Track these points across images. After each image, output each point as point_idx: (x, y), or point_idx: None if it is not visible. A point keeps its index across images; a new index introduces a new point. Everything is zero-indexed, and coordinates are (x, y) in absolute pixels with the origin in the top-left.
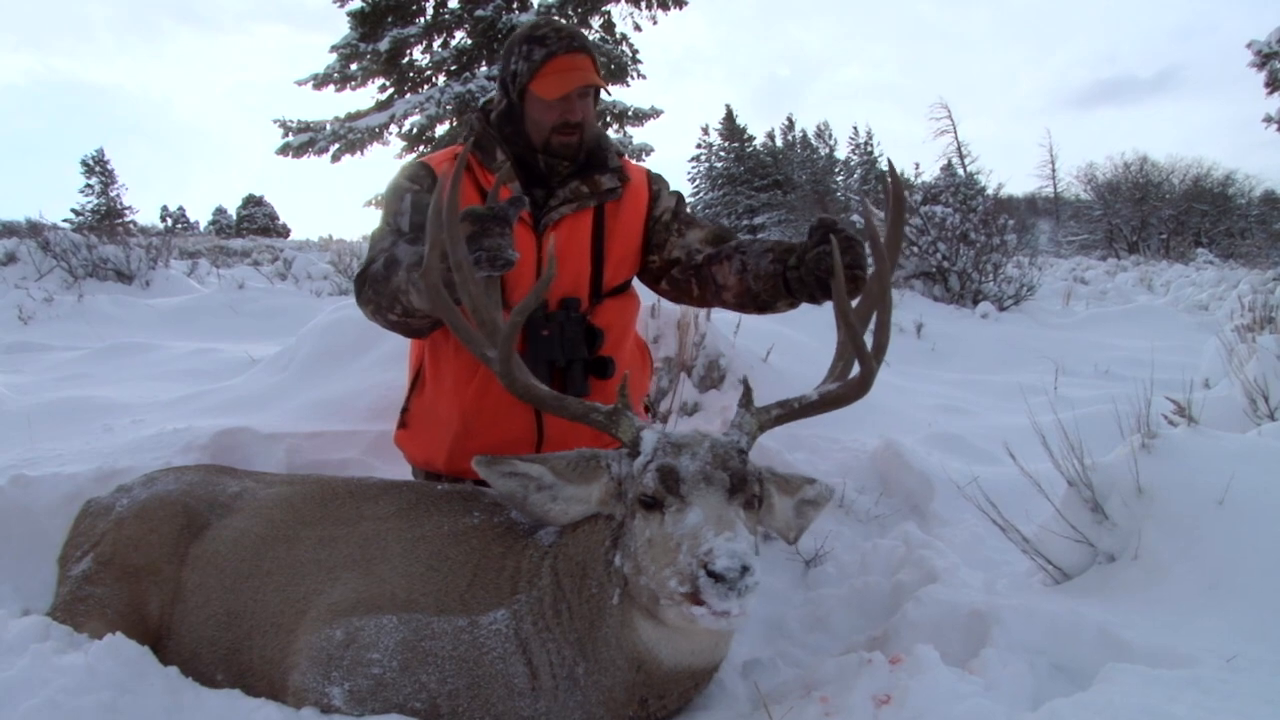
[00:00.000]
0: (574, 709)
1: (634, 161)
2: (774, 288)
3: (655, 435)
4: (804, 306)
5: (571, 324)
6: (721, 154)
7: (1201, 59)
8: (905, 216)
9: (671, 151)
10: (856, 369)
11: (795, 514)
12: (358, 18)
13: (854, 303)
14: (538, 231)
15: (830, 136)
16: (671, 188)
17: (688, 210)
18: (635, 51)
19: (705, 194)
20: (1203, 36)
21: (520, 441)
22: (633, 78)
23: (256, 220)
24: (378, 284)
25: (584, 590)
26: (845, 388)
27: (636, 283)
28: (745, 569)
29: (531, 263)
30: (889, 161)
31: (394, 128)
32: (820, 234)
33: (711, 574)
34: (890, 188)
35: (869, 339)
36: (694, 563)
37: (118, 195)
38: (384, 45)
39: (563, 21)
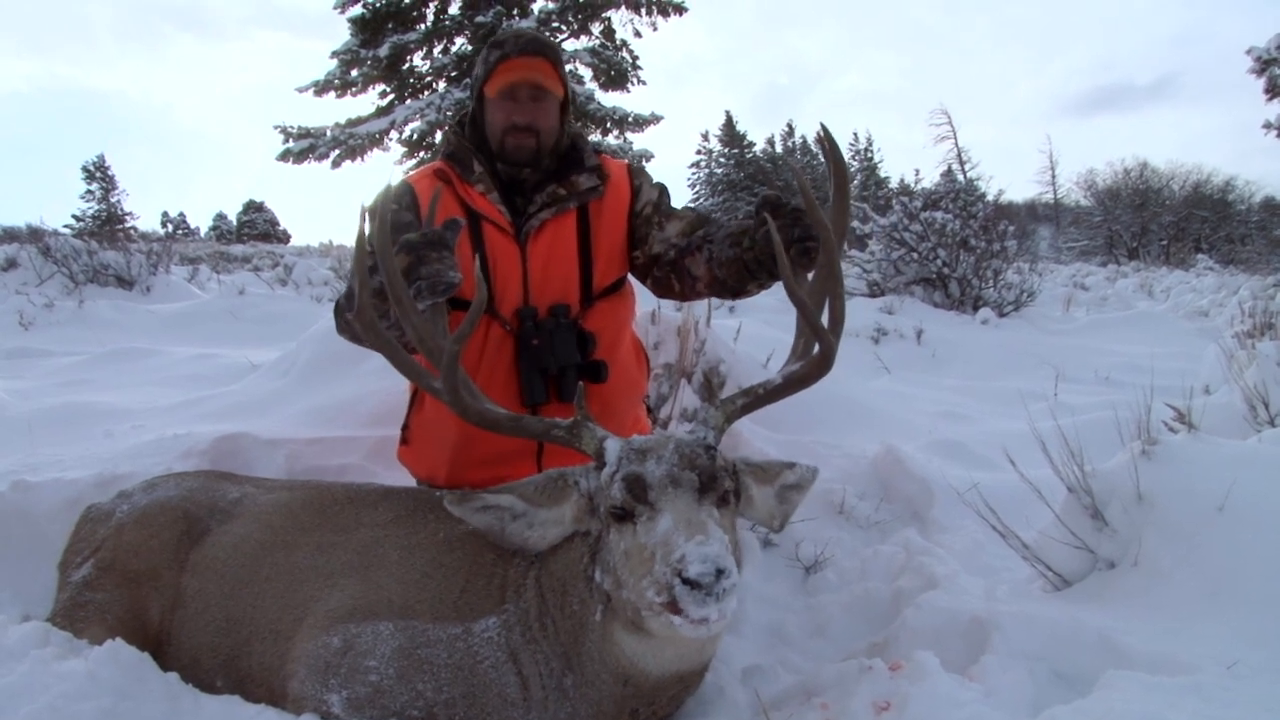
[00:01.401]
0: (565, 717)
1: (613, 158)
2: (738, 272)
3: (619, 444)
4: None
5: (562, 330)
6: (721, 160)
7: (1199, 66)
8: (849, 183)
9: (671, 158)
10: (818, 347)
11: (778, 500)
12: (358, 24)
13: (810, 275)
14: (519, 240)
15: None
16: (655, 180)
17: (670, 203)
18: (635, 58)
19: (706, 200)
20: (1200, 44)
21: (520, 452)
22: (633, 84)
23: (257, 226)
24: (343, 316)
25: (566, 607)
26: (808, 366)
27: (637, 285)
28: (720, 572)
29: (518, 273)
30: (822, 126)
31: (394, 133)
32: (769, 211)
33: (686, 581)
34: (829, 155)
35: (826, 316)
36: (668, 571)
37: (118, 201)
38: (384, 51)
39: (533, 31)
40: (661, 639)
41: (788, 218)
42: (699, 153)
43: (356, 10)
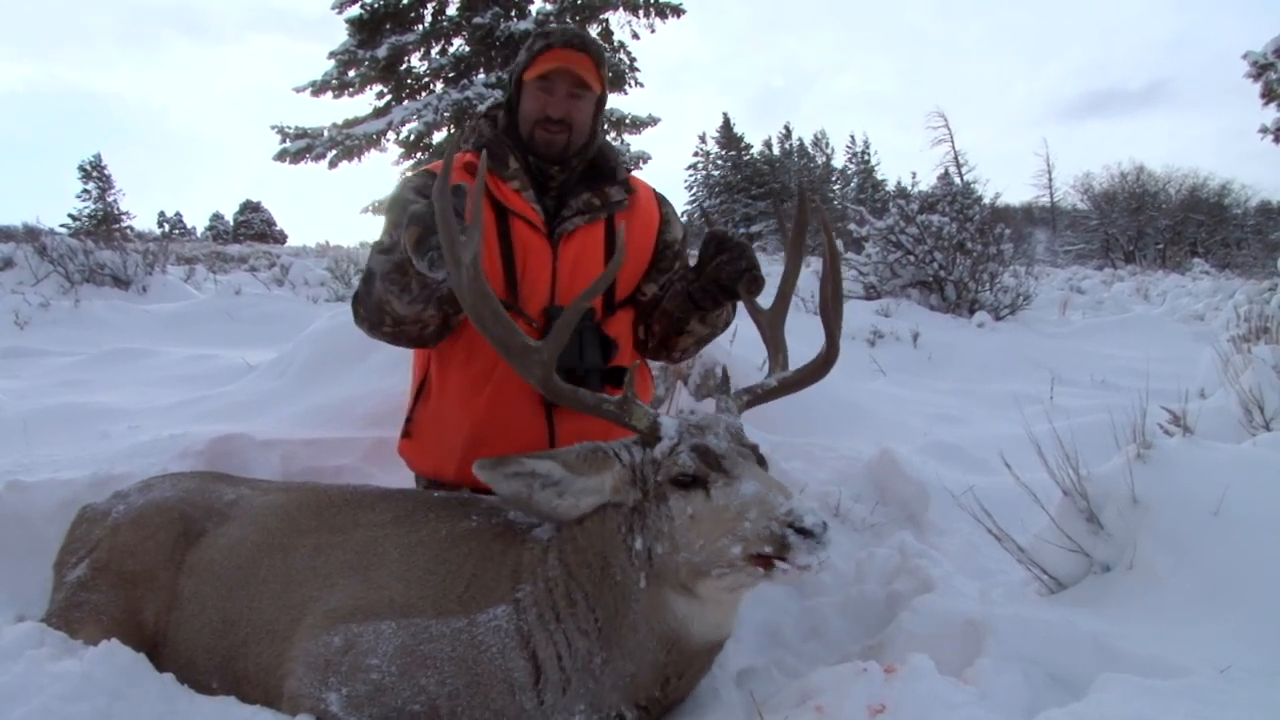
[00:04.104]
0: (583, 697)
1: (637, 176)
2: (682, 304)
3: (675, 420)
4: (806, 319)
5: (589, 333)
6: (719, 162)
7: (1191, 71)
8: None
9: (668, 160)
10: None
11: None
12: (356, 24)
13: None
14: (552, 241)
15: (827, 145)
16: (679, 215)
17: (688, 251)
18: (633, 59)
19: (703, 202)
20: (1192, 49)
21: (531, 450)
22: (630, 85)
23: (253, 226)
24: (364, 301)
25: (607, 579)
26: (800, 375)
27: None
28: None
29: (548, 270)
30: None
31: (391, 134)
32: (715, 245)
33: (800, 530)
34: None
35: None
36: (773, 524)
37: (115, 201)
38: (382, 52)
39: (580, 29)
40: (707, 602)
41: (733, 251)
42: (696, 155)
43: (354, 11)
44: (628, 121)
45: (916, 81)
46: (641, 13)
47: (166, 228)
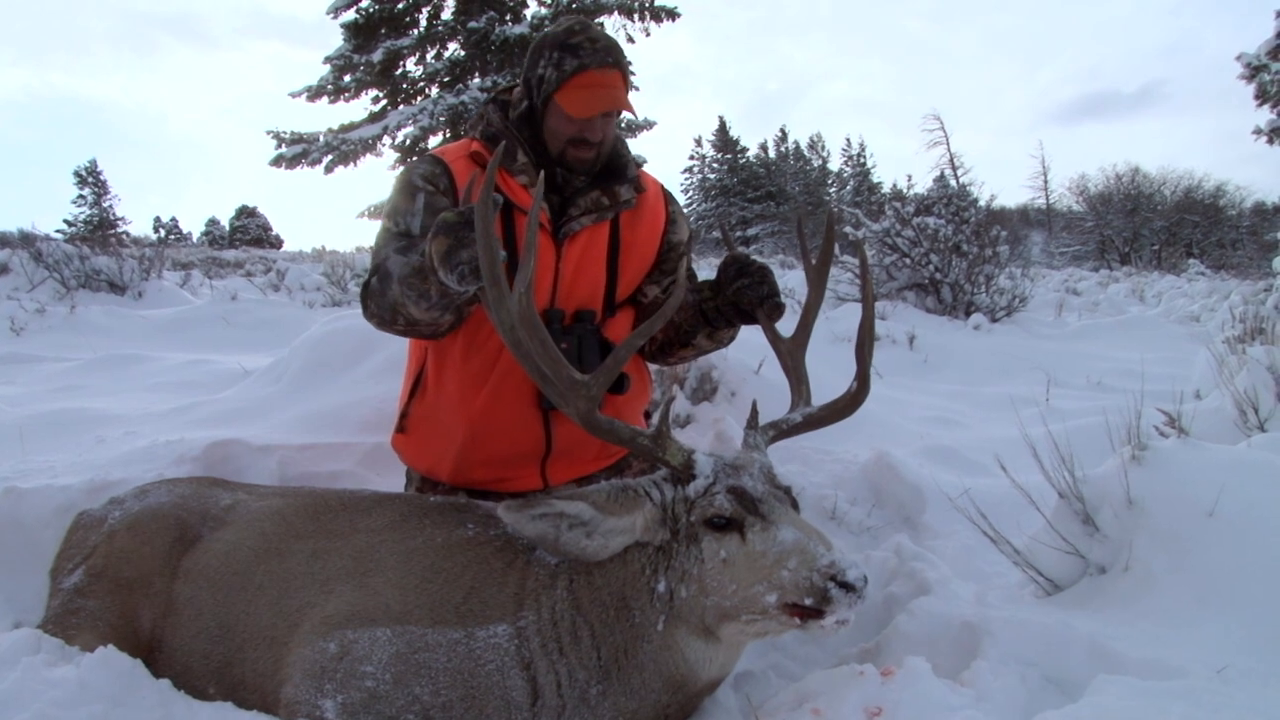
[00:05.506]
0: None
1: (646, 171)
2: (692, 317)
3: (711, 458)
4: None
5: (588, 337)
6: (714, 165)
7: (1185, 74)
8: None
9: (662, 164)
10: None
11: None
12: (351, 29)
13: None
14: (557, 240)
15: (823, 148)
16: (687, 217)
17: (691, 261)
18: (628, 63)
19: (699, 205)
20: (1187, 52)
21: (527, 453)
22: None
23: (249, 231)
24: (377, 298)
25: (622, 619)
26: (827, 410)
27: None
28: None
29: (550, 270)
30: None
31: (387, 139)
32: (736, 269)
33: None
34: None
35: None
36: (814, 576)
37: (110, 206)
38: (377, 57)
39: (604, 34)
40: (725, 645)
41: (754, 276)
42: (692, 158)
43: (350, 16)
44: (623, 125)
45: (911, 86)
46: (636, 16)
47: (162, 233)
